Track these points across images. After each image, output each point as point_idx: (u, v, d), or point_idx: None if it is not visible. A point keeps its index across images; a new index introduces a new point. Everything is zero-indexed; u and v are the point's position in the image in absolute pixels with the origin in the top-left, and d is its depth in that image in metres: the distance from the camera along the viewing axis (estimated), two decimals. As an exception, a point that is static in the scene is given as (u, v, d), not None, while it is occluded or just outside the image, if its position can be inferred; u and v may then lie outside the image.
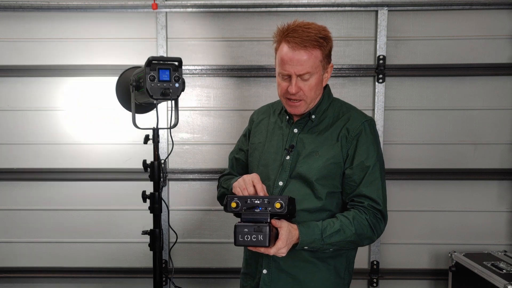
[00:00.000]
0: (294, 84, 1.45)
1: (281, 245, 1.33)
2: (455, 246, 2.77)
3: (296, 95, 1.47)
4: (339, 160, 1.50)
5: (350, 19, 2.74)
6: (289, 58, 1.43)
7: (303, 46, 1.41)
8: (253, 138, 1.67)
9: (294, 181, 1.52)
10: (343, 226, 1.42)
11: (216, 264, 2.87)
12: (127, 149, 2.78)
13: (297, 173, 1.51)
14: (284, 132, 1.58)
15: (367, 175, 1.48)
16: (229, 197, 1.38)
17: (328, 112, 1.57)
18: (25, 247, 2.88)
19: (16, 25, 2.76)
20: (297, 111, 1.52)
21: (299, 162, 1.52)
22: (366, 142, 1.50)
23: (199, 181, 2.84)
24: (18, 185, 2.84)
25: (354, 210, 1.47)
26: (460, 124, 2.78)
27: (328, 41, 1.47)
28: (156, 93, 1.65)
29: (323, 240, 1.41)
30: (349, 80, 2.77)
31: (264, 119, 1.68)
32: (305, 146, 1.53)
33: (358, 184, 1.48)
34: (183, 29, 2.76)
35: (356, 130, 1.50)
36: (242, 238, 1.31)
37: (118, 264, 2.88)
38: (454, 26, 2.73)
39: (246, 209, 1.35)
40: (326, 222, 1.43)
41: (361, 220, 1.45)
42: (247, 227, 1.31)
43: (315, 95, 1.50)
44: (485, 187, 2.81)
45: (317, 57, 1.44)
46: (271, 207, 1.33)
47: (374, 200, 1.47)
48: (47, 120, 2.80)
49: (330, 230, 1.41)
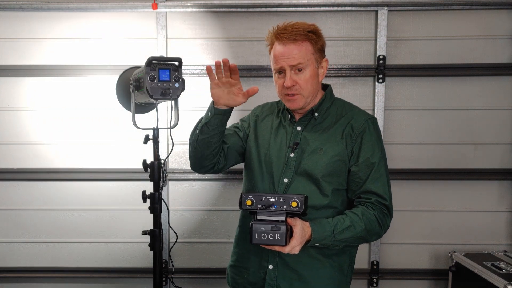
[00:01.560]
0: (289, 77, 1.48)
1: (295, 243, 1.33)
2: (455, 246, 2.77)
3: (292, 88, 1.49)
4: (344, 157, 1.52)
5: (350, 19, 2.74)
6: (280, 53, 1.48)
7: (292, 39, 1.47)
8: (257, 134, 1.67)
9: (299, 178, 1.53)
10: (353, 222, 1.44)
11: (216, 264, 2.87)
12: (127, 149, 2.78)
13: (302, 170, 1.52)
14: (287, 130, 1.60)
15: (373, 172, 1.50)
16: (244, 195, 1.37)
17: (331, 110, 1.59)
18: (25, 247, 2.88)
19: (16, 25, 2.76)
20: (296, 105, 1.53)
21: (303, 159, 1.53)
22: (370, 139, 1.52)
23: (199, 181, 2.84)
24: (18, 185, 2.84)
25: (362, 207, 1.49)
26: (460, 124, 2.78)
27: (318, 35, 1.52)
28: (156, 93, 1.65)
29: (334, 236, 1.42)
30: (349, 80, 2.77)
31: (268, 115, 1.69)
32: (309, 143, 1.55)
33: (364, 180, 1.50)
34: (183, 29, 2.76)
35: (361, 128, 1.52)
36: (258, 237, 1.31)
37: (118, 264, 2.88)
38: (454, 26, 2.73)
39: (261, 207, 1.34)
40: (336, 219, 1.44)
41: (370, 216, 1.47)
42: (264, 226, 1.31)
43: (312, 88, 1.52)
44: (485, 187, 2.81)
45: (308, 49, 1.48)
46: (287, 206, 1.33)
47: (381, 196, 1.49)
48: (47, 120, 2.80)
49: (341, 227, 1.42)
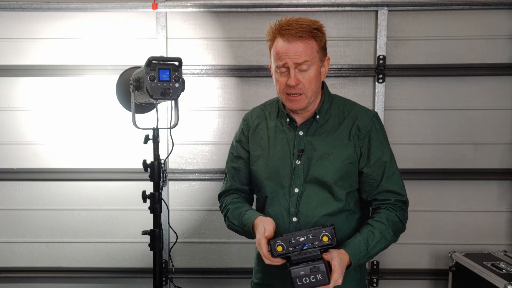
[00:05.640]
0: (293, 75, 1.40)
1: (337, 277, 1.28)
2: (455, 246, 2.77)
3: (296, 88, 1.41)
4: (354, 159, 1.48)
5: (350, 19, 2.74)
6: (285, 50, 1.39)
7: (298, 36, 1.38)
8: (253, 145, 1.59)
9: (310, 186, 1.48)
10: (383, 233, 1.41)
11: (216, 264, 2.87)
12: (127, 149, 2.77)
13: (313, 177, 1.47)
14: (288, 136, 1.52)
15: (386, 170, 1.48)
16: (272, 242, 1.31)
17: (332, 110, 1.53)
18: (25, 247, 2.88)
19: (16, 25, 2.76)
20: (299, 105, 1.45)
21: (312, 165, 1.47)
22: (378, 138, 1.50)
23: (199, 181, 2.84)
24: (18, 185, 2.84)
25: (383, 210, 1.46)
26: (460, 124, 2.78)
27: (323, 33, 1.45)
28: (156, 93, 1.65)
29: (369, 252, 1.39)
30: (349, 80, 2.77)
31: (260, 123, 1.60)
32: (315, 148, 1.49)
33: (379, 181, 1.48)
34: (183, 29, 2.76)
35: (367, 127, 1.49)
36: (300, 282, 1.25)
37: (118, 264, 2.88)
38: (454, 26, 2.73)
39: (294, 250, 1.28)
40: (366, 234, 1.40)
41: (393, 218, 1.45)
42: (303, 269, 1.25)
43: (315, 88, 1.45)
44: (485, 187, 2.81)
45: (314, 47, 1.41)
46: (318, 241, 1.27)
47: (398, 193, 1.48)
48: (48, 120, 2.80)
49: (373, 241, 1.40)
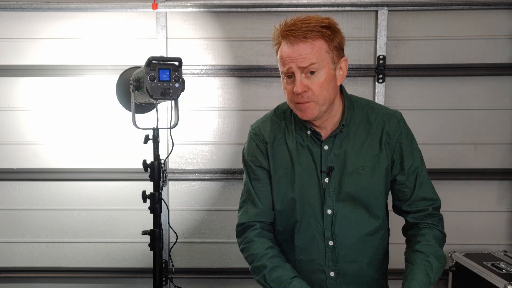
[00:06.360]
0: (299, 82, 1.26)
1: None
2: (455, 246, 2.77)
3: (303, 95, 1.27)
4: (388, 170, 1.41)
5: (350, 19, 2.74)
6: (288, 53, 1.27)
7: (302, 38, 1.25)
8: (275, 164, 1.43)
9: (343, 205, 1.38)
10: (438, 257, 1.38)
11: (216, 264, 2.87)
12: (127, 149, 2.77)
13: (346, 195, 1.37)
14: (312, 151, 1.39)
15: (418, 177, 1.43)
16: None
17: (355, 117, 1.40)
18: (25, 247, 2.88)
19: (16, 25, 2.76)
20: (309, 114, 1.31)
21: (343, 182, 1.37)
22: (408, 143, 1.42)
23: (199, 181, 2.84)
24: (18, 185, 2.84)
25: (426, 230, 1.43)
26: (460, 124, 2.78)
27: (334, 31, 1.29)
28: (156, 93, 1.65)
29: (432, 280, 1.34)
30: (349, 80, 2.76)
31: (277, 137, 1.44)
32: (345, 163, 1.37)
33: (413, 188, 1.43)
34: (183, 29, 2.76)
35: (397, 134, 1.40)
36: None
37: (118, 264, 2.88)
38: (454, 26, 2.72)
39: None
40: (423, 265, 1.34)
41: (438, 235, 1.44)
42: None
43: (327, 93, 1.29)
44: (485, 187, 2.81)
45: (322, 47, 1.26)
46: None
47: (433, 200, 1.46)
48: (48, 120, 2.80)
49: (434, 269, 1.35)
